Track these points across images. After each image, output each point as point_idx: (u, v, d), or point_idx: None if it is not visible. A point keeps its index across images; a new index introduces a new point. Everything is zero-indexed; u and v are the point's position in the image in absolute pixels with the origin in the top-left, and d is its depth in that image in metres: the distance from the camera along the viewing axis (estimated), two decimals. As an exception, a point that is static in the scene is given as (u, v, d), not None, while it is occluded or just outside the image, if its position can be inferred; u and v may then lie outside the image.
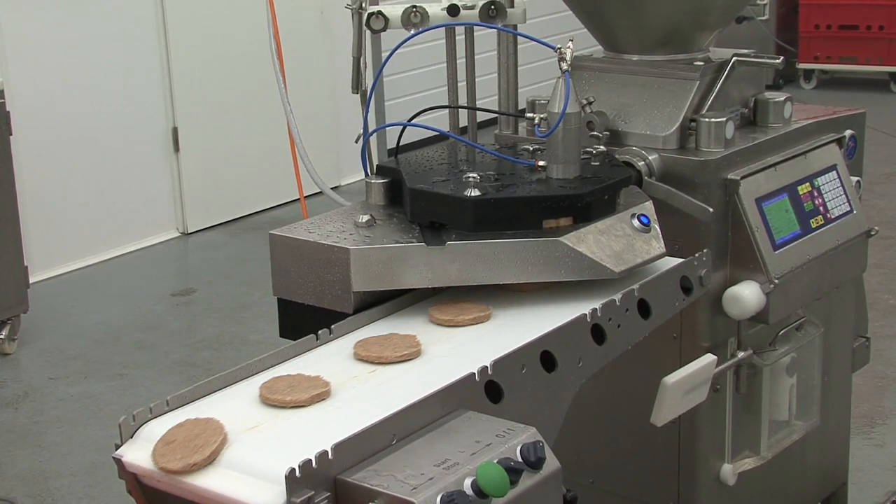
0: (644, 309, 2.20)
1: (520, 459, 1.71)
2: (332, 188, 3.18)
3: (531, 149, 2.53)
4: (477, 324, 2.15)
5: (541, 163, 2.37)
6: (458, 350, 2.06)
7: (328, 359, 2.05)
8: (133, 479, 1.78)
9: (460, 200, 2.23)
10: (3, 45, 5.81)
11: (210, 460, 1.71)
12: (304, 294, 2.25)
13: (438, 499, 1.61)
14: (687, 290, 2.32)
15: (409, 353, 2.02)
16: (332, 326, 2.13)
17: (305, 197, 3.36)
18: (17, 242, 5.16)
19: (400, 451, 1.72)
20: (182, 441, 1.73)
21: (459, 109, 2.85)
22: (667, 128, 2.73)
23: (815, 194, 2.87)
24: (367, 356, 2.02)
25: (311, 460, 1.61)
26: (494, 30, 2.77)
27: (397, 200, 2.43)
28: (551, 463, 1.75)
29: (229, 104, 6.85)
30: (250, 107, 6.87)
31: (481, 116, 2.88)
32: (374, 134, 2.73)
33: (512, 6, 2.82)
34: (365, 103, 2.76)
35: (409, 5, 2.73)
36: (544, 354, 1.99)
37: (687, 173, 2.66)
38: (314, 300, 2.24)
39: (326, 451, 1.63)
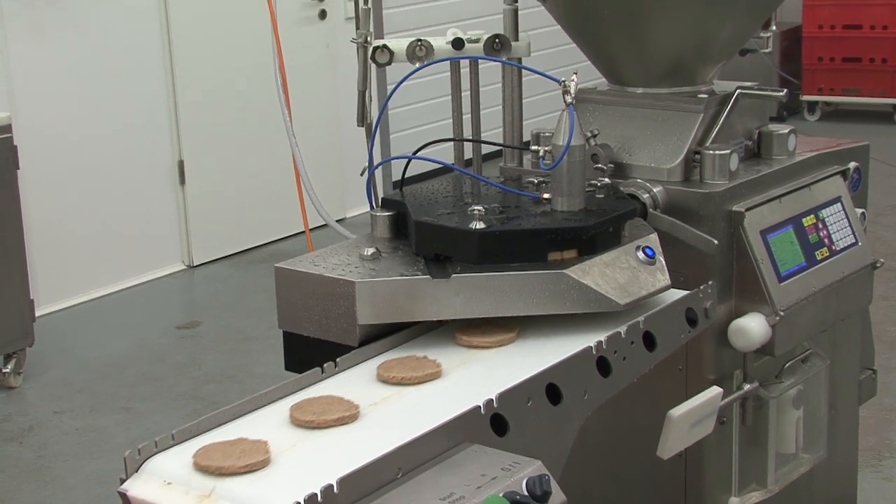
0: (649, 341, 2.20)
1: (525, 493, 1.71)
2: (337, 221, 3.18)
3: (536, 181, 2.54)
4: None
5: (546, 195, 2.38)
6: (461, 383, 2.06)
7: (348, 385, 2.06)
8: (138, 513, 1.77)
9: (465, 233, 2.23)
10: (10, 80, 5.84)
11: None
12: (310, 327, 2.25)
13: (444, 532, 1.60)
14: (692, 322, 2.32)
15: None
16: (338, 359, 2.13)
17: (311, 229, 3.36)
18: (24, 275, 5.16)
19: (406, 485, 1.71)
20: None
21: (464, 142, 2.85)
22: (671, 160, 2.74)
23: (820, 226, 2.87)
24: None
25: (316, 494, 1.61)
26: (499, 63, 2.78)
27: (402, 233, 2.44)
28: (557, 496, 1.74)
29: (235, 137, 6.87)
30: (256, 140, 6.90)
31: (486, 149, 2.88)
32: (380, 167, 2.74)
33: (516, 39, 2.84)
34: (370, 136, 2.76)
35: (413, 39, 2.75)
36: (550, 387, 1.99)
37: (691, 205, 2.66)
38: (320, 333, 2.24)
39: (332, 485, 1.63)
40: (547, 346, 2.15)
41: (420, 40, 2.74)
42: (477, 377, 2.07)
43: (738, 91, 2.81)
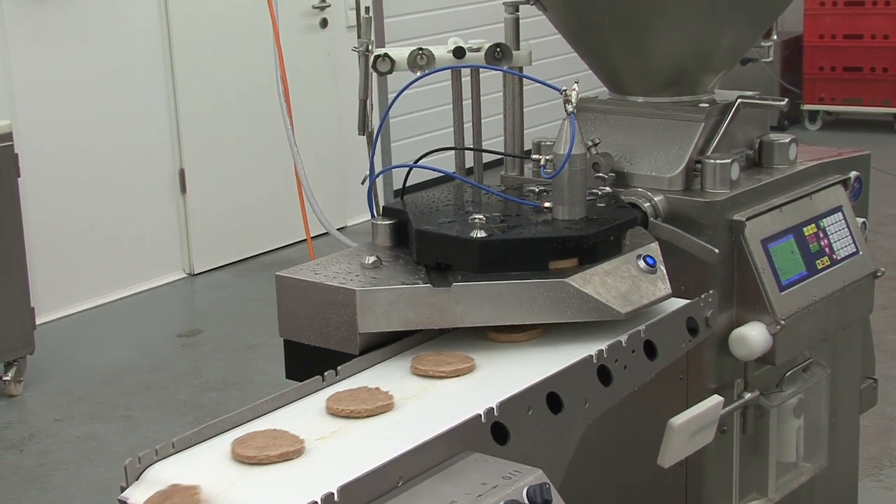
0: (650, 350, 2.20)
1: (526, 502, 1.71)
2: (338, 229, 3.19)
3: (537, 190, 2.54)
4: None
5: (546, 204, 2.38)
6: (462, 391, 2.06)
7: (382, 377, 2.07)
8: (138, 522, 1.77)
9: (466, 242, 2.23)
10: (11, 88, 5.85)
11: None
12: (311, 335, 2.25)
13: (445, 541, 1.60)
14: (693, 331, 2.32)
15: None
16: (339, 368, 2.13)
17: (312, 238, 3.36)
18: (24, 283, 5.17)
19: (406, 494, 1.71)
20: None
21: (465, 151, 2.86)
22: (672, 169, 2.74)
23: (821, 235, 2.87)
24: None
25: (316, 502, 1.61)
26: (500, 72, 2.78)
27: (403, 242, 2.44)
28: (558, 505, 1.75)
29: (236, 146, 6.88)
30: (257, 148, 6.90)
31: (487, 158, 2.88)
32: (381, 175, 2.74)
33: (518, 48, 2.84)
34: (371, 145, 2.77)
35: (415, 48, 2.75)
36: (551, 396, 1.99)
37: (692, 214, 2.66)
38: (320, 341, 2.24)
39: (332, 493, 1.63)
40: (548, 354, 2.15)
41: (421, 49, 2.75)
42: (477, 385, 2.07)
43: (739, 100, 2.81)
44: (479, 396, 1.97)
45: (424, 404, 2.01)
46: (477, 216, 2.27)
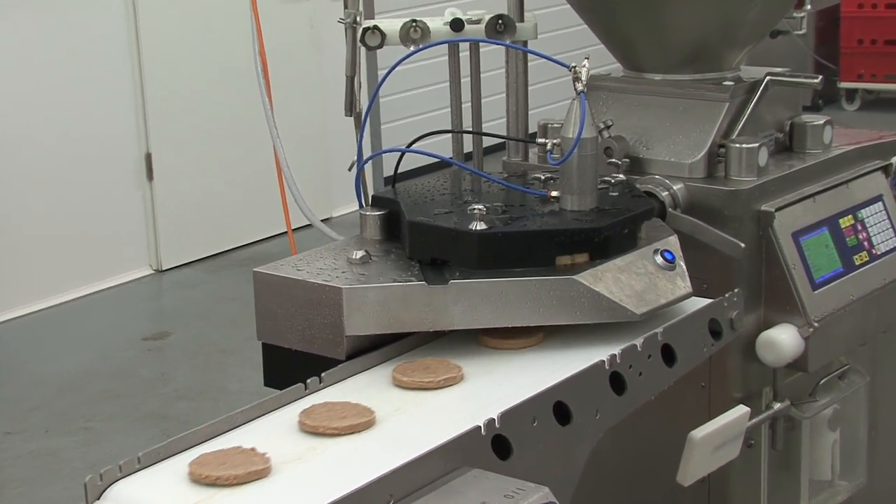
0: (668, 355, 2.21)
1: (531, 523, 1.72)
2: (322, 220, 3.19)
3: (543, 177, 2.55)
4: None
5: (553, 193, 2.39)
6: (462, 399, 2.07)
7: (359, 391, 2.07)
8: (99, 546, 1.78)
9: (464, 235, 2.24)
10: (-42, 63, 5.85)
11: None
12: (292, 338, 2.26)
13: (440, 567, 1.61)
14: (716, 333, 2.33)
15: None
16: (323, 374, 2.14)
17: (293, 230, 3.37)
18: (-27, 281, 5.17)
19: (397, 514, 1.72)
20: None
21: (464, 134, 2.86)
22: (693, 154, 2.75)
23: (859, 228, 2.88)
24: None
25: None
26: (502, 46, 2.79)
27: (395, 234, 2.45)
28: (566, 527, 1.76)
29: (209, 127, 6.89)
30: (232, 130, 6.91)
31: (488, 142, 2.89)
32: (370, 161, 2.75)
33: (522, 20, 2.85)
34: (359, 127, 2.78)
35: (408, 19, 2.76)
36: (558, 406, 2.00)
37: (716, 204, 2.67)
38: (303, 345, 2.25)
39: (316, 513, 1.64)
40: (555, 360, 2.16)
41: (415, 21, 2.75)
42: (477, 393, 2.07)
43: (767, 78, 2.82)
44: (478, 407, 1.98)
45: (416, 416, 2.01)
46: (476, 206, 2.27)
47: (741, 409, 2.40)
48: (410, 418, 2.00)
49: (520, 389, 1.99)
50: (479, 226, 2.24)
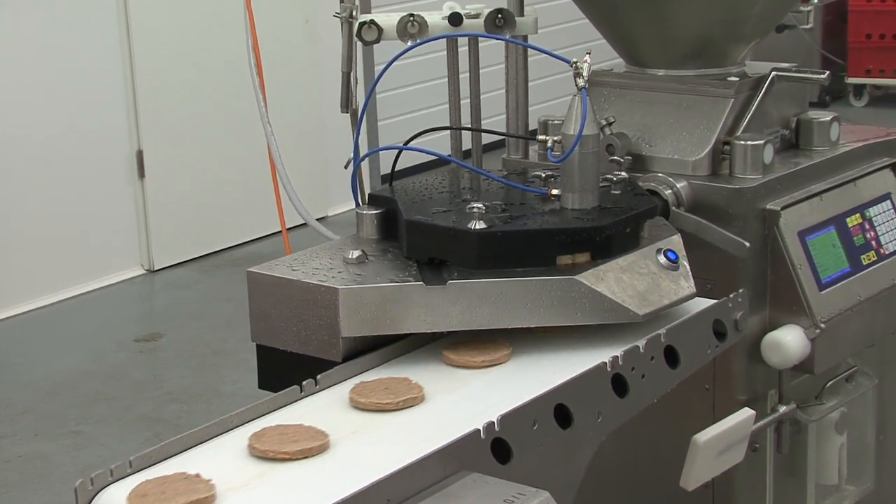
0: (672, 357, 2.21)
1: (531, 528, 1.72)
2: (318, 219, 3.20)
3: (543, 175, 2.55)
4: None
5: (554, 191, 2.39)
6: (460, 403, 2.07)
7: (318, 412, 2.05)
8: (90, 552, 1.79)
9: (463, 234, 2.24)
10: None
11: None
12: (287, 340, 2.26)
13: (438, 573, 1.61)
14: (720, 335, 2.33)
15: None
16: (319, 376, 2.14)
17: (288, 229, 3.37)
18: (-40, 281, 5.17)
19: (394, 519, 1.73)
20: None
21: (462, 131, 2.87)
22: (697, 152, 2.75)
23: (867, 227, 2.88)
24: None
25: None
26: (502, 41, 2.79)
27: (392, 234, 2.45)
28: (566, 532, 1.76)
29: (202, 124, 6.88)
30: (226, 127, 6.90)
31: (487, 139, 2.89)
32: (367, 158, 2.75)
33: (522, 15, 2.85)
34: (356, 124, 2.78)
35: (405, 14, 2.76)
36: (558, 408, 2.00)
37: (720, 203, 2.68)
38: (298, 347, 2.25)
39: (311, 519, 1.64)
40: (555, 362, 2.16)
41: (412, 15, 2.75)
42: (437, 415, 2.05)
43: (773, 73, 2.83)
44: (478, 411, 1.98)
45: (372, 440, 1.98)
46: (475, 205, 2.27)
47: (746, 412, 2.40)
48: (366, 441, 1.95)
49: (487, 410, 1.95)
50: (478, 225, 2.25)
